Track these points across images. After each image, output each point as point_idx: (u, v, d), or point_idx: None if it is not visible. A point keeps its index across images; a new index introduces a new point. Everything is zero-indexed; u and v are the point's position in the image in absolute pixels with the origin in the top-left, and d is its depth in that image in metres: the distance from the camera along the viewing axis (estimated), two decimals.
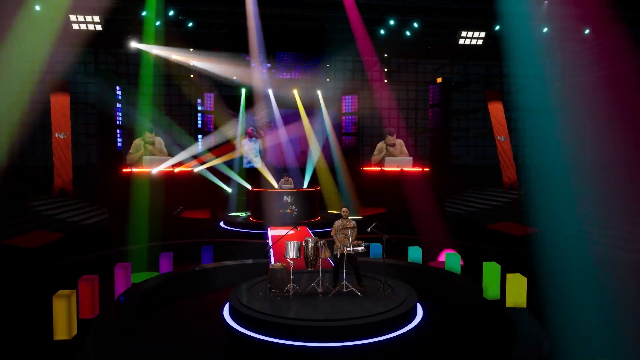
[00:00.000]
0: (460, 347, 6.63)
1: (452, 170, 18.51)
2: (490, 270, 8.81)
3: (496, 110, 17.40)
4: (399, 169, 17.59)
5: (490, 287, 8.73)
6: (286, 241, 6.78)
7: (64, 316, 6.93)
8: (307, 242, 6.85)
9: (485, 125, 18.51)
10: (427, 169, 17.77)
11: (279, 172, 16.66)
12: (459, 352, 6.48)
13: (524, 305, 7.78)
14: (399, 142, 18.65)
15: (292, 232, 7.78)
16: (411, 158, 18.06)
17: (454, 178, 18.26)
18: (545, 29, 16.59)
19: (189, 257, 10.71)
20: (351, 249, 6.66)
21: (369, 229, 7.11)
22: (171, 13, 15.25)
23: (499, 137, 17.31)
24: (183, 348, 6.50)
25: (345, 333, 5.77)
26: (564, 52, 18.93)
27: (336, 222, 7.19)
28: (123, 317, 6.91)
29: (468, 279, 8.55)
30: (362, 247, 6.73)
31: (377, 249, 10.38)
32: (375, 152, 18.42)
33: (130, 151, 16.80)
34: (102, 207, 16.39)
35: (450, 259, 9.86)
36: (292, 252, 6.70)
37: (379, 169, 17.94)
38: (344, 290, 6.77)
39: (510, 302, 7.83)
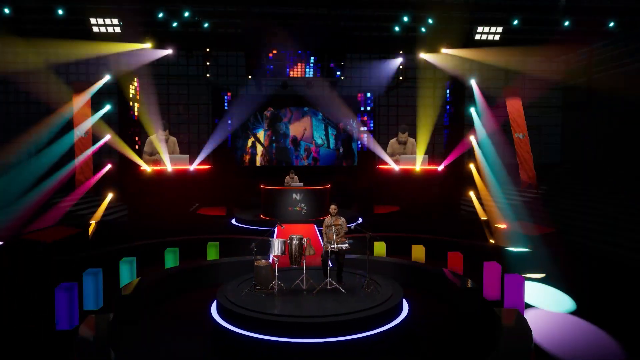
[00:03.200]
0: (441, 346, 6.62)
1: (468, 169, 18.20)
2: (491, 270, 8.70)
3: (514, 107, 16.96)
4: (414, 167, 17.45)
5: (490, 288, 8.61)
6: (270, 239, 6.88)
7: (66, 307, 7.27)
8: (291, 239, 6.92)
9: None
10: (442, 168, 17.55)
11: None
12: (438, 350, 6.49)
13: (522, 305, 7.64)
14: (411, 142, 18.45)
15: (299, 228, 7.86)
16: (427, 156, 17.86)
17: (470, 176, 17.96)
18: (566, 23, 16.05)
19: (196, 253, 10.96)
20: (335, 246, 6.71)
21: (353, 226, 7.14)
22: (186, 14, 15.56)
23: (517, 135, 16.89)
24: (174, 342, 6.70)
25: (327, 329, 5.83)
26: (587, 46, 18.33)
27: (325, 219, 7.26)
28: (119, 309, 7.17)
29: (466, 278, 8.44)
30: (346, 245, 6.76)
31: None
32: (387, 151, 18.33)
33: (145, 149, 17.28)
34: (123, 204, 16.95)
35: (452, 258, 9.77)
36: (276, 249, 6.79)
37: (393, 167, 17.85)
38: (328, 287, 6.82)
39: (508, 302, 7.70)
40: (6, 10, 14.44)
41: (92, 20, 15.05)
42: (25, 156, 15.63)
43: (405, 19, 16.03)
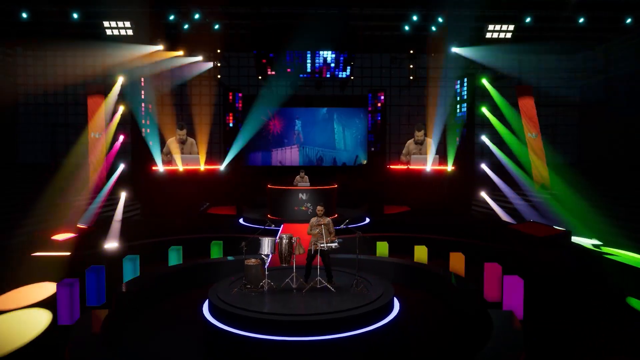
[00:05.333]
0: (430, 346, 6.58)
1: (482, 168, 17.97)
2: (491, 271, 8.58)
3: (527, 106, 16.65)
4: (424, 167, 17.30)
5: (490, 289, 8.50)
6: (260, 237, 6.94)
7: (67, 303, 7.48)
8: (281, 238, 6.96)
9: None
10: (454, 167, 17.36)
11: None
12: (426, 350, 6.45)
13: (520, 307, 7.51)
14: (429, 142, 18.27)
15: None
16: (437, 156, 17.70)
17: (483, 176, 17.72)
18: (581, 20, 15.66)
19: (200, 252, 11.10)
20: (325, 245, 6.72)
21: (342, 226, 7.14)
22: (197, 16, 15.77)
23: (529, 134, 16.57)
24: (168, 339, 6.83)
25: (315, 328, 5.85)
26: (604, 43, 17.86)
27: (312, 219, 7.28)
28: (117, 305, 7.33)
29: (465, 279, 8.35)
30: (336, 244, 6.77)
31: None
32: (403, 152, 18.18)
33: (163, 150, 17.59)
34: (136, 203, 17.29)
35: (454, 259, 9.66)
36: (266, 248, 6.84)
37: (405, 167, 17.75)
38: (318, 286, 6.84)
39: (507, 304, 7.59)
40: (24, 15, 14.89)
41: (106, 24, 15.39)
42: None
43: (415, 17, 15.92)
